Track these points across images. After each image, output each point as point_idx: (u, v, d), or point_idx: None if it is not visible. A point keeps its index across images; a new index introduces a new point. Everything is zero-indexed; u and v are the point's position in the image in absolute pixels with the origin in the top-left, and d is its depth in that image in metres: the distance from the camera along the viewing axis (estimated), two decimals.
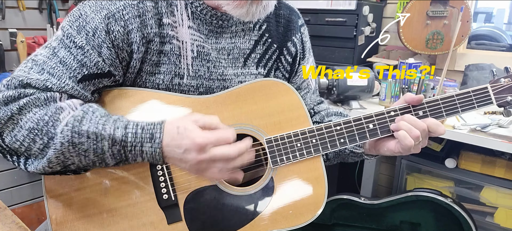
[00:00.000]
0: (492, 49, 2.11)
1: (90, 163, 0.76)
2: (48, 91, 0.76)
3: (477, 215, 1.73)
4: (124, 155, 0.75)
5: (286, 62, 1.01)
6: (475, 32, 2.92)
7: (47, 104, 0.75)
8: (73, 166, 0.76)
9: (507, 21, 4.50)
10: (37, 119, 0.73)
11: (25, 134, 0.73)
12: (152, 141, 0.74)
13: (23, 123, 0.73)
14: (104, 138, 0.73)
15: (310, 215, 0.88)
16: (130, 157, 0.76)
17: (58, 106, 0.75)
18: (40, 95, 0.75)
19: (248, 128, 0.88)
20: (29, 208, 2.32)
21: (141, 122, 0.76)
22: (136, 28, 0.82)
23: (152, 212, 0.84)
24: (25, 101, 0.73)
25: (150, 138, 0.74)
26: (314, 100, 1.11)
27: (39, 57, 0.79)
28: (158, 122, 0.76)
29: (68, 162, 0.75)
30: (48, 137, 0.73)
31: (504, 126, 1.45)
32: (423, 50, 1.92)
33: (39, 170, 0.74)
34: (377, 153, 0.95)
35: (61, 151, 0.72)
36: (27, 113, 0.73)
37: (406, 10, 1.88)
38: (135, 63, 0.84)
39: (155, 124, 0.76)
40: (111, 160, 0.76)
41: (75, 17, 0.81)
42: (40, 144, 0.73)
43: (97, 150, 0.74)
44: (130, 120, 0.76)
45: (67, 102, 0.76)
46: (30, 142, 0.73)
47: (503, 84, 0.89)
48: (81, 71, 0.79)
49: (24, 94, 0.74)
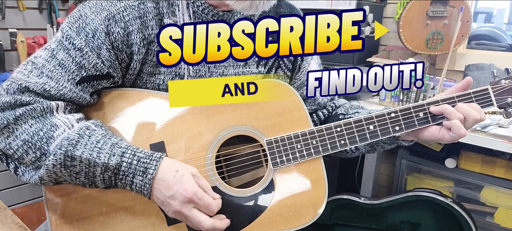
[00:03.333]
0: (492, 49, 2.11)
1: (80, 184, 0.78)
2: (45, 97, 0.77)
3: (477, 215, 1.73)
4: (114, 182, 0.77)
5: (288, 60, 1.01)
6: (475, 32, 2.92)
7: (43, 116, 0.76)
8: (65, 182, 0.78)
9: (507, 21, 4.50)
10: (32, 132, 0.74)
11: (19, 144, 0.74)
12: (143, 175, 0.75)
13: (18, 133, 0.75)
14: (97, 164, 0.75)
15: (310, 216, 0.88)
16: (120, 184, 0.77)
17: (53, 122, 0.76)
18: (36, 106, 0.75)
19: (248, 129, 0.88)
20: (29, 208, 2.32)
21: (140, 151, 0.77)
22: (136, 30, 0.82)
23: (153, 213, 0.84)
24: (22, 111, 0.75)
25: (143, 171, 0.75)
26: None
27: (39, 60, 0.80)
28: (156, 155, 0.77)
29: (60, 179, 0.77)
30: (41, 152, 0.74)
31: (504, 126, 1.45)
32: (423, 50, 1.92)
33: (32, 183, 0.76)
34: (414, 139, 0.94)
35: (53, 171, 0.74)
36: (23, 124, 0.75)
37: (406, 10, 1.88)
38: (136, 65, 0.84)
39: (153, 157, 0.77)
40: (101, 184, 0.77)
41: (75, 18, 0.81)
42: (33, 156, 0.75)
43: (89, 173, 0.75)
44: (129, 146, 0.77)
45: (63, 119, 0.77)
46: (23, 152, 0.75)
47: (504, 85, 0.89)
48: (80, 74, 0.79)
49: (21, 103, 0.75)
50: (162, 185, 0.76)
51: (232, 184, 0.89)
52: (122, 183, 0.77)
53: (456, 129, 0.84)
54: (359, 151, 1.03)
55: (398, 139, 0.96)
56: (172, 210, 0.77)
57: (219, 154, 0.88)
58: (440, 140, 0.88)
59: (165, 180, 0.76)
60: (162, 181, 0.76)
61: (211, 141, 0.86)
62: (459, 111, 0.85)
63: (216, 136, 0.87)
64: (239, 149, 0.91)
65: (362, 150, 1.03)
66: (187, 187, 0.75)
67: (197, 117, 0.86)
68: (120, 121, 0.85)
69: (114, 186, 0.78)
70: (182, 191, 0.75)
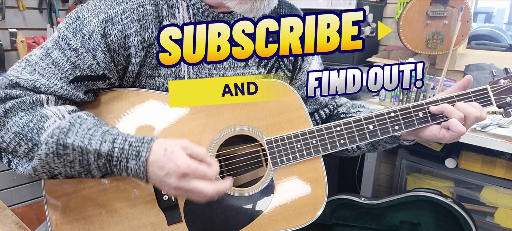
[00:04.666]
0: (492, 49, 2.11)
1: (76, 174, 0.76)
2: (35, 92, 0.77)
3: (477, 215, 1.73)
4: (110, 168, 0.76)
5: (288, 60, 1.01)
6: (475, 32, 2.92)
7: (33, 108, 0.76)
8: (60, 176, 0.77)
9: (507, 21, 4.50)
10: (23, 124, 0.74)
11: (11, 136, 0.74)
12: (137, 158, 0.74)
13: (9, 126, 0.75)
14: (89, 151, 0.74)
15: (310, 215, 0.88)
16: (116, 171, 0.76)
17: (44, 113, 0.76)
18: (26, 98, 0.76)
19: (248, 128, 0.88)
20: (29, 208, 2.32)
21: (131, 136, 0.76)
22: (134, 32, 0.82)
23: (152, 213, 0.84)
24: (11, 104, 0.75)
25: (135, 155, 0.74)
26: None
27: (33, 58, 0.80)
28: (147, 138, 0.76)
29: (55, 171, 0.76)
30: (33, 143, 0.74)
31: (504, 126, 1.45)
32: (423, 50, 1.92)
33: (26, 175, 0.76)
34: (415, 138, 0.94)
35: (46, 161, 0.73)
36: (13, 117, 0.75)
37: (406, 10, 1.88)
38: (134, 67, 0.84)
39: (144, 140, 0.75)
40: (97, 172, 0.76)
41: (73, 19, 0.81)
42: (25, 148, 0.75)
43: (83, 161, 0.75)
44: (120, 133, 0.76)
45: (54, 110, 0.77)
46: (16, 144, 0.75)
47: (503, 85, 0.89)
48: (74, 73, 0.79)
49: (10, 96, 0.76)
50: (155, 166, 0.74)
51: (232, 184, 0.89)
52: (117, 169, 0.76)
53: (454, 126, 0.84)
54: (361, 150, 1.03)
55: (399, 138, 0.96)
56: (171, 188, 0.74)
57: (219, 154, 0.88)
58: (441, 139, 0.88)
59: (157, 160, 0.74)
60: (155, 161, 0.74)
61: (211, 141, 0.86)
62: (459, 110, 0.85)
63: (216, 135, 0.87)
64: (239, 149, 0.91)
65: (363, 149, 1.03)
66: (178, 162, 0.73)
67: (197, 117, 0.87)
68: (119, 121, 0.85)
69: (111, 173, 0.77)
70: (174, 168, 0.73)
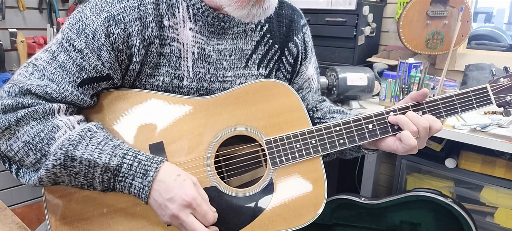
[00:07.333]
0: (492, 49, 2.11)
1: (78, 185, 0.78)
2: (47, 99, 0.77)
3: (477, 215, 1.73)
4: (113, 184, 0.77)
5: (287, 63, 1.01)
6: (475, 32, 2.92)
7: (45, 118, 0.76)
8: (63, 184, 0.78)
9: (507, 21, 4.50)
10: (34, 134, 0.74)
11: (20, 146, 0.74)
12: (143, 177, 0.75)
13: (20, 135, 0.75)
14: (97, 165, 0.75)
15: (309, 215, 0.88)
16: (118, 187, 0.77)
17: (55, 124, 0.76)
18: (38, 107, 0.76)
19: (247, 128, 0.88)
20: (29, 208, 2.32)
21: (141, 154, 0.77)
22: (136, 31, 0.82)
23: (152, 213, 0.84)
24: (23, 113, 0.75)
25: (143, 173, 0.75)
26: (316, 99, 1.11)
27: (40, 62, 0.80)
28: (157, 159, 0.77)
29: (59, 180, 0.77)
30: (41, 154, 0.74)
31: (504, 126, 1.45)
32: (423, 50, 1.92)
33: (30, 185, 0.76)
34: (375, 148, 0.94)
35: (52, 172, 0.74)
36: (24, 126, 0.75)
37: (406, 10, 1.88)
38: (135, 66, 0.84)
39: (154, 160, 0.77)
40: (99, 186, 0.77)
41: (75, 19, 0.81)
42: (33, 158, 0.75)
43: (88, 174, 0.76)
44: (131, 148, 0.78)
45: (64, 120, 0.77)
46: (24, 154, 0.75)
47: (503, 84, 0.89)
48: (80, 76, 0.79)
49: (23, 105, 0.75)
50: (161, 187, 0.76)
51: (232, 184, 0.90)
52: (121, 185, 0.77)
53: (406, 139, 0.83)
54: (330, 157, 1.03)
55: (361, 148, 0.96)
56: (169, 214, 0.76)
57: (218, 154, 0.88)
58: (395, 151, 0.87)
59: (166, 182, 0.76)
60: (162, 183, 0.76)
61: (210, 141, 0.86)
62: (410, 120, 0.84)
63: (215, 136, 0.87)
64: (238, 149, 0.91)
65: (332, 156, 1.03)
66: (187, 191, 0.75)
67: (196, 117, 0.87)
68: (120, 122, 0.85)
69: (112, 189, 0.78)
70: (182, 195, 0.75)
